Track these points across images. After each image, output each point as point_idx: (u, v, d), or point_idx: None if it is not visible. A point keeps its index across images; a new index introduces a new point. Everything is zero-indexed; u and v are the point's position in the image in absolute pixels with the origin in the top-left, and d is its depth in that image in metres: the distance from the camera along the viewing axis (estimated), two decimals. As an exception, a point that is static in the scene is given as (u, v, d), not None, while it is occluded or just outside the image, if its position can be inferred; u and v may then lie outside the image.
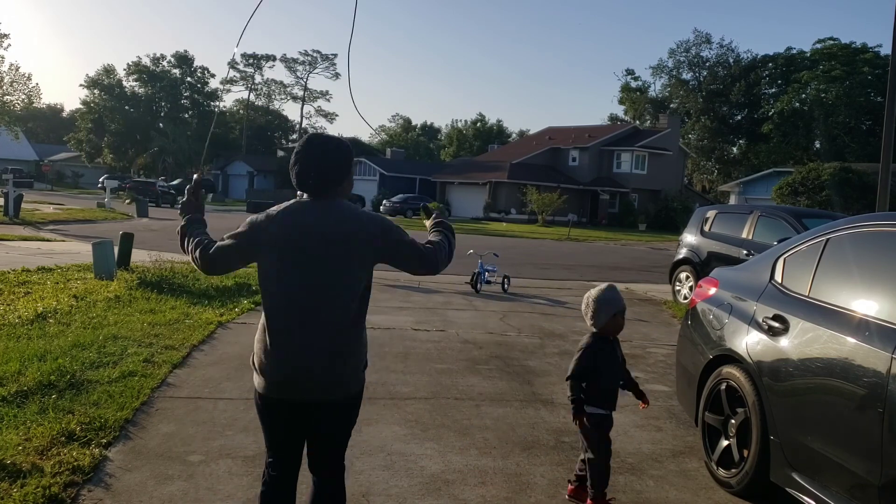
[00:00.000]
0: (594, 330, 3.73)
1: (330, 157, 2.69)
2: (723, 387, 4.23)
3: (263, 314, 2.67)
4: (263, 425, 2.77)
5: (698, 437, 4.56)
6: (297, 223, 2.62)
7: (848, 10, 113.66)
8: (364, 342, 2.75)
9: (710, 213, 11.94)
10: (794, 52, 59.48)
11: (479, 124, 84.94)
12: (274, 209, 2.70)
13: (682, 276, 11.88)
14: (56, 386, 5.02)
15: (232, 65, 78.97)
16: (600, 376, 3.69)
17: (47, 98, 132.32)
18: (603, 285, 3.80)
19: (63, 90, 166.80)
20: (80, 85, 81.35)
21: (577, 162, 50.82)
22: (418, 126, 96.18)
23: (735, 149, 65.12)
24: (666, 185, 49.61)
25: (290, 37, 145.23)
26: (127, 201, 38.99)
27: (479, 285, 11.91)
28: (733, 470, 4.05)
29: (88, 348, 6.10)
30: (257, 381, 2.68)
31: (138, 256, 11.73)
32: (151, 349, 6.30)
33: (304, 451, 2.79)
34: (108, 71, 70.08)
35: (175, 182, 58.36)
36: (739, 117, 63.11)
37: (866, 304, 3.38)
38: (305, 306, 2.59)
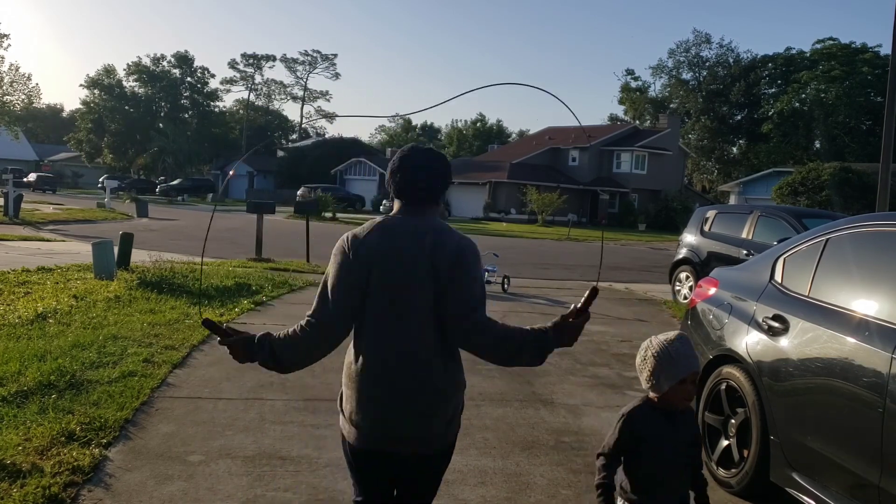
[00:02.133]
0: (650, 394, 2.54)
1: (437, 164, 2.43)
2: (723, 387, 4.23)
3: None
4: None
5: (698, 437, 4.56)
6: (387, 242, 2.32)
7: (848, 10, 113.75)
8: (456, 384, 2.39)
9: (710, 213, 11.93)
10: (794, 52, 59.50)
11: (479, 124, 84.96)
12: (363, 228, 2.40)
13: (682, 276, 11.88)
14: (56, 386, 5.02)
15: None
16: (646, 458, 2.49)
17: (47, 98, 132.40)
18: (671, 334, 2.56)
19: (63, 90, 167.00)
20: (80, 85, 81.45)
21: (577, 162, 50.82)
22: (418, 126, 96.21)
23: (735, 149, 65.11)
24: (666, 185, 49.60)
25: (290, 37, 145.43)
26: (127, 200, 39.10)
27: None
28: (733, 470, 4.05)
29: (88, 348, 6.10)
30: (343, 425, 2.43)
31: (138, 256, 11.73)
32: (151, 349, 6.30)
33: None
34: (108, 71, 70.04)
35: (175, 182, 58.51)
36: (739, 117, 63.10)
37: (866, 304, 3.38)
38: (392, 342, 2.30)
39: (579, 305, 2.27)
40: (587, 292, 2.27)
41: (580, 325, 2.28)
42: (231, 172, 54.59)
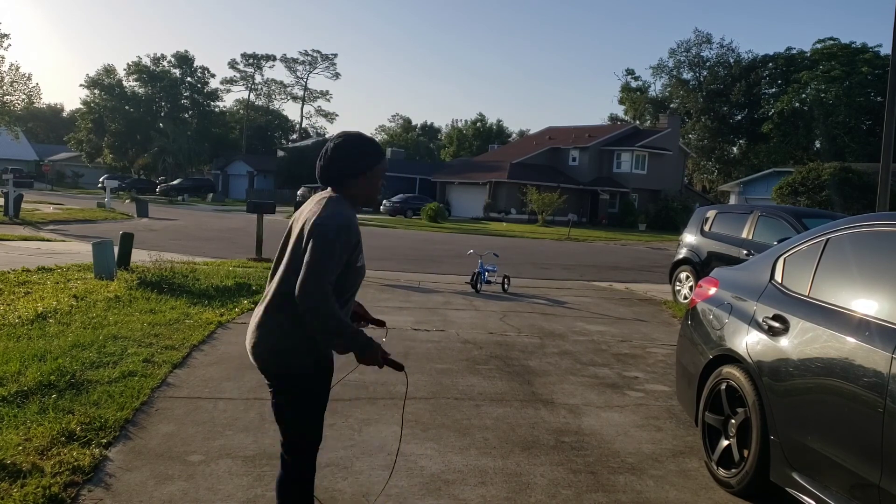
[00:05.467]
0: None
1: (334, 149, 2.85)
2: (723, 387, 4.23)
3: None
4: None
5: (698, 437, 4.56)
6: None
7: (848, 10, 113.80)
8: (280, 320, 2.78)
9: (710, 213, 11.93)
10: (795, 52, 59.52)
11: (479, 124, 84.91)
12: None
13: (682, 276, 11.88)
14: (56, 386, 5.01)
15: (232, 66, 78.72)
16: None
17: (47, 98, 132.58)
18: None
19: (63, 90, 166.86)
20: (80, 85, 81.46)
21: (577, 162, 50.82)
22: (418, 126, 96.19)
23: (735, 149, 65.11)
24: (666, 185, 49.61)
25: (290, 37, 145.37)
26: (127, 200, 39.13)
27: (479, 285, 11.91)
28: (733, 470, 4.05)
29: (88, 348, 6.10)
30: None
31: (138, 256, 11.72)
32: (151, 349, 6.29)
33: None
34: (109, 71, 70.03)
35: (175, 182, 58.54)
36: (739, 117, 63.10)
37: (866, 304, 3.38)
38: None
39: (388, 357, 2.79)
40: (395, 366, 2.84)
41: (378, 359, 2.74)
42: None
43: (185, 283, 9.70)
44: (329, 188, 2.86)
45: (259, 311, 2.84)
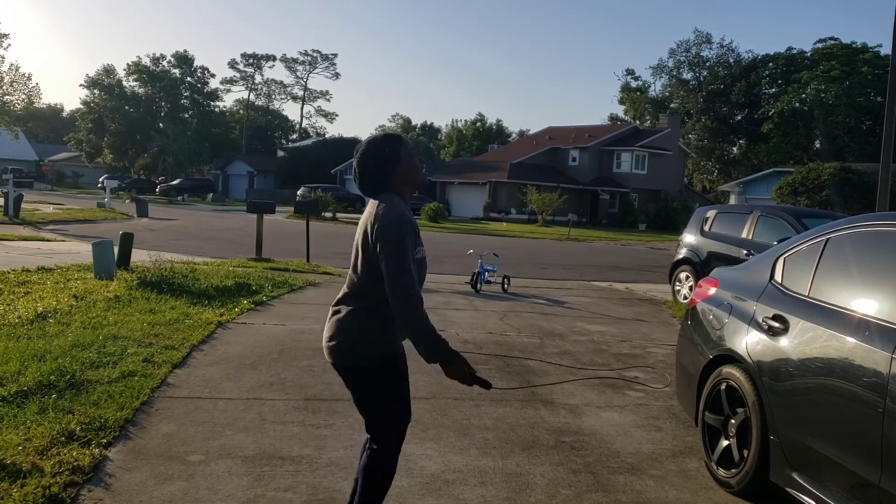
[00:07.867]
0: None
1: (360, 158, 2.94)
2: (723, 387, 4.23)
3: None
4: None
5: (698, 437, 4.56)
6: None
7: (848, 10, 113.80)
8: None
9: (710, 213, 11.94)
10: (795, 52, 59.49)
11: (478, 124, 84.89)
12: None
13: (682, 276, 11.88)
14: (56, 386, 5.01)
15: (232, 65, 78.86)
16: None
17: (47, 98, 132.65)
18: None
19: (63, 90, 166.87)
20: (80, 85, 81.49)
21: (577, 162, 50.83)
22: (418, 126, 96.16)
23: (735, 149, 65.11)
24: (666, 185, 49.61)
25: (290, 37, 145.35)
26: (127, 200, 39.17)
27: (479, 285, 11.91)
28: (733, 470, 4.05)
29: (88, 348, 6.09)
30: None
31: (138, 256, 11.72)
32: (151, 349, 6.29)
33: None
34: (108, 71, 70.03)
35: (175, 182, 58.57)
36: (739, 117, 63.09)
37: (866, 304, 3.38)
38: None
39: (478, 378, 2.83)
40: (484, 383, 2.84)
41: (466, 377, 2.78)
42: None
43: (184, 283, 9.69)
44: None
45: (331, 309, 3.01)
